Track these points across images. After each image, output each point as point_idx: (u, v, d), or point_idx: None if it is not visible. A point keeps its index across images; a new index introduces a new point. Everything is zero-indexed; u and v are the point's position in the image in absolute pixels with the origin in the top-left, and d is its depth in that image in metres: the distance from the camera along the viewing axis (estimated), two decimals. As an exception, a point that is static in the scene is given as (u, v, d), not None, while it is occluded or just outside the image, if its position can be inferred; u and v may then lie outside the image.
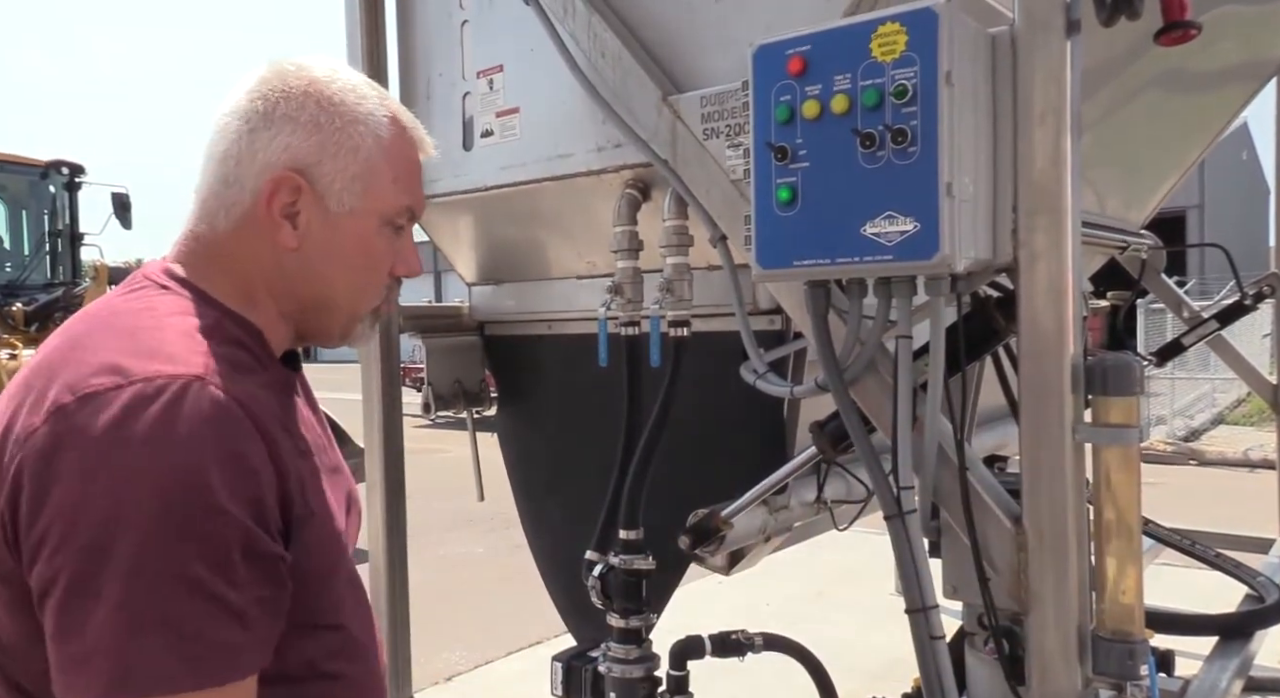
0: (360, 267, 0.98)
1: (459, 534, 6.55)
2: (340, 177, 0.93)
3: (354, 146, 0.94)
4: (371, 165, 0.95)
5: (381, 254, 0.99)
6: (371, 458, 2.08)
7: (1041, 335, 1.07)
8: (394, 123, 0.98)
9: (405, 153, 0.99)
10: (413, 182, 1.00)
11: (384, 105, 0.98)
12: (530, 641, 4.10)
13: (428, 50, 1.98)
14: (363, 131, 0.94)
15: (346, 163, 0.93)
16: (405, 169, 0.99)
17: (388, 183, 0.96)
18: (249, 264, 0.95)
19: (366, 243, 0.97)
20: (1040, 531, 1.06)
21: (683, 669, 1.54)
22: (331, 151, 0.93)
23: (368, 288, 1.00)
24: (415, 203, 1.01)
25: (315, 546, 0.90)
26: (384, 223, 0.97)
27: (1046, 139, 1.06)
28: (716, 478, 1.66)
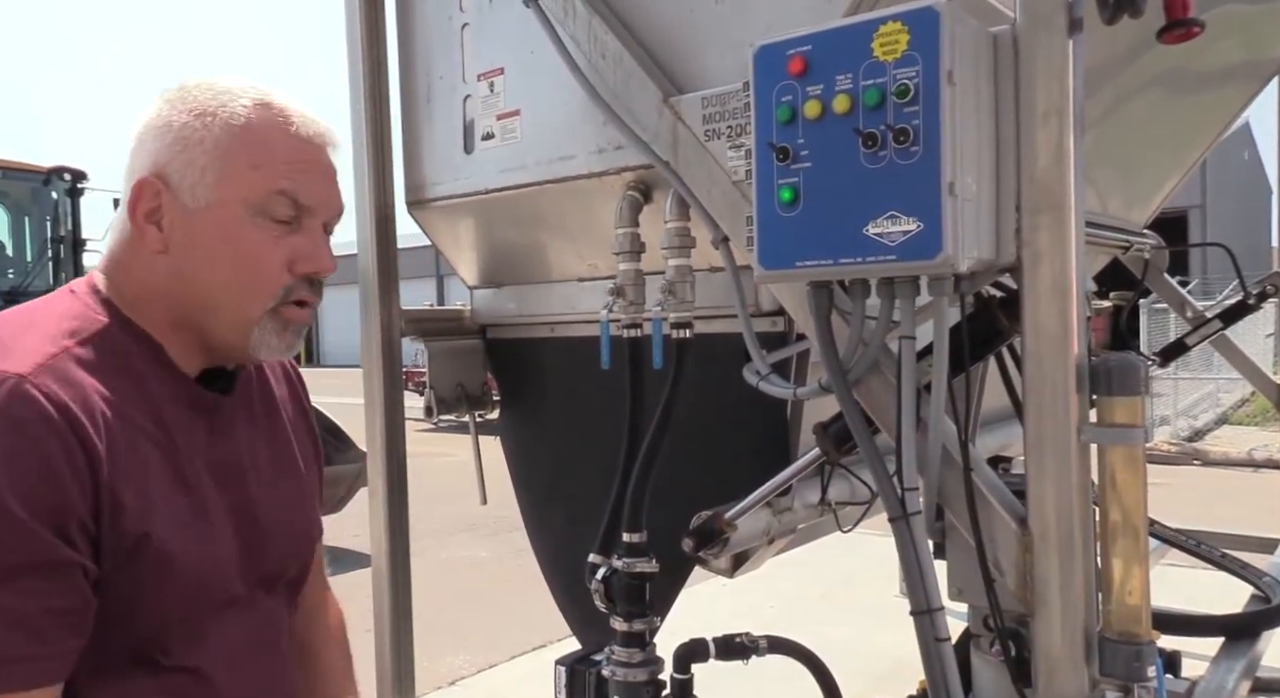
0: (230, 262, 0.92)
1: (462, 538, 6.55)
2: (189, 170, 0.91)
3: (200, 139, 0.91)
4: (222, 153, 0.91)
5: (257, 247, 0.92)
6: (374, 462, 2.08)
7: (1045, 335, 1.06)
8: (258, 109, 0.93)
9: (269, 137, 0.93)
10: (285, 166, 0.93)
11: (247, 95, 0.93)
12: (533, 644, 4.10)
13: (428, 53, 1.98)
14: (209, 121, 0.91)
15: (194, 155, 0.91)
16: (270, 154, 0.92)
17: (244, 169, 0.91)
18: (138, 274, 0.94)
19: (232, 235, 0.91)
20: (1046, 532, 1.06)
21: (687, 673, 1.53)
22: (179, 148, 0.91)
23: (248, 286, 0.93)
24: (294, 188, 0.93)
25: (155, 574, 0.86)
26: (253, 212, 0.92)
27: (1049, 138, 1.05)
28: (720, 480, 1.66)
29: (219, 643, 0.94)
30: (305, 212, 0.95)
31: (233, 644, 0.96)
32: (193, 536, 0.91)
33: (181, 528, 0.90)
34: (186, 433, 0.93)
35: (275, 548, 1.03)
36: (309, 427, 1.18)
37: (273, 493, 1.04)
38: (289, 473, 1.08)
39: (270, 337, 0.95)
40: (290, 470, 1.08)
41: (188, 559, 0.89)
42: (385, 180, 2.04)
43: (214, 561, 0.94)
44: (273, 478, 1.04)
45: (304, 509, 1.10)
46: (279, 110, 0.94)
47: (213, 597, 0.94)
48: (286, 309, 0.96)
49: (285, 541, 1.05)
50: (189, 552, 0.90)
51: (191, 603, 0.91)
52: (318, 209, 0.97)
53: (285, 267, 0.94)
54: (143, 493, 0.85)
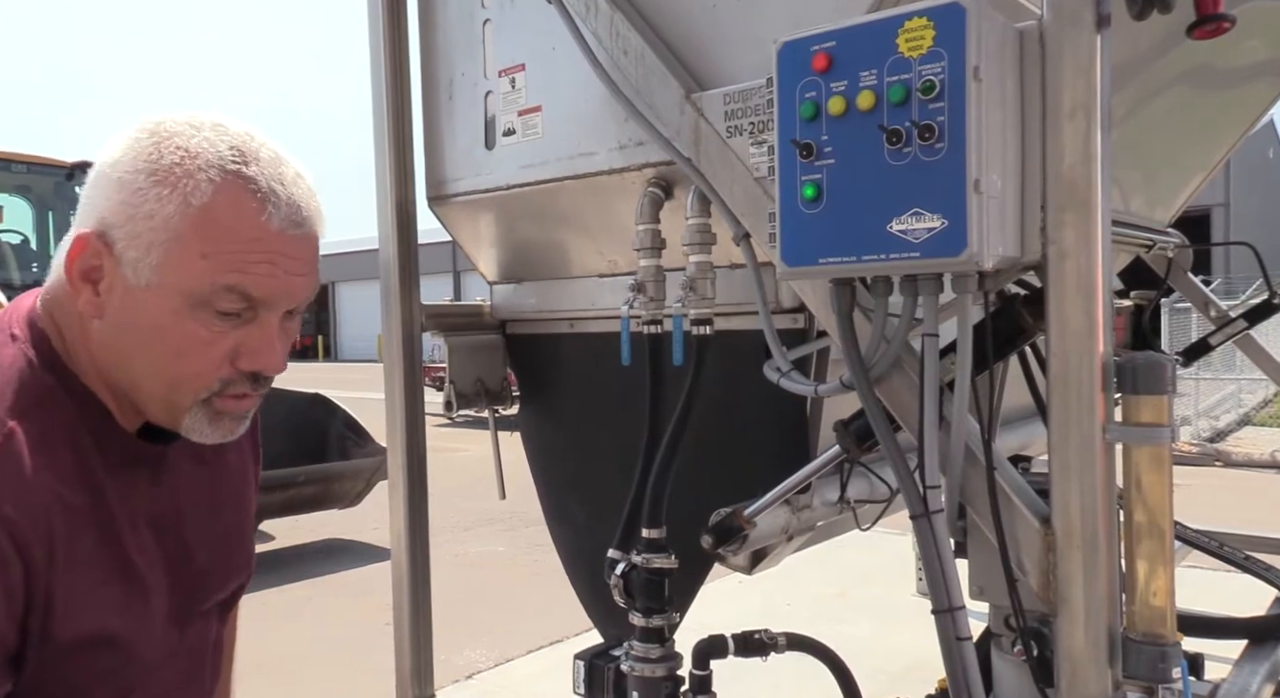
0: (162, 352, 0.84)
1: (479, 533, 6.57)
2: (135, 243, 0.81)
3: (151, 212, 0.80)
4: (173, 235, 0.80)
5: (195, 340, 0.83)
6: (394, 457, 2.09)
7: (1071, 333, 1.06)
8: (227, 183, 0.81)
9: (231, 224, 0.81)
10: (239, 259, 0.81)
11: (221, 162, 0.82)
12: (550, 639, 4.11)
13: (449, 49, 1.98)
14: (167, 195, 0.80)
15: (141, 228, 0.81)
16: (227, 244, 0.81)
17: (194, 257, 0.80)
18: (74, 326, 0.87)
19: (166, 325, 0.82)
20: (1070, 531, 1.05)
21: (705, 669, 1.53)
22: (130, 214, 0.81)
23: (181, 378, 0.85)
24: (246, 283, 0.82)
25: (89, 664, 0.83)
26: (195, 304, 0.82)
27: (1076, 135, 1.04)
28: (739, 477, 1.66)
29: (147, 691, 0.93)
30: (260, 304, 0.85)
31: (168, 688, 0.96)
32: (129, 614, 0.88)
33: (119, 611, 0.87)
34: (127, 496, 0.89)
35: (209, 585, 1.01)
36: (255, 453, 1.15)
37: (210, 531, 1.01)
38: (232, 506, 1.05)
39: (202, 425, 0.88)
40: (234, 504, 1.05)
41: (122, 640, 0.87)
42: (406, 176, 2.04)
43: (148, 629, 0.91)
44: (211, 516, 1.01)
45: (241, 541, 1.08)
46: (252, 188, 0.82)
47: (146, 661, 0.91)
48: (221, 401, 0.87)
49: (219, 576, 1.03)
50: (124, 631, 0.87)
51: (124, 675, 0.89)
52: (274, 303, 0.85)
53: (226, 359, 0.85)
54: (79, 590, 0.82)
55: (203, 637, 1.03)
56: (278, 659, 4.12)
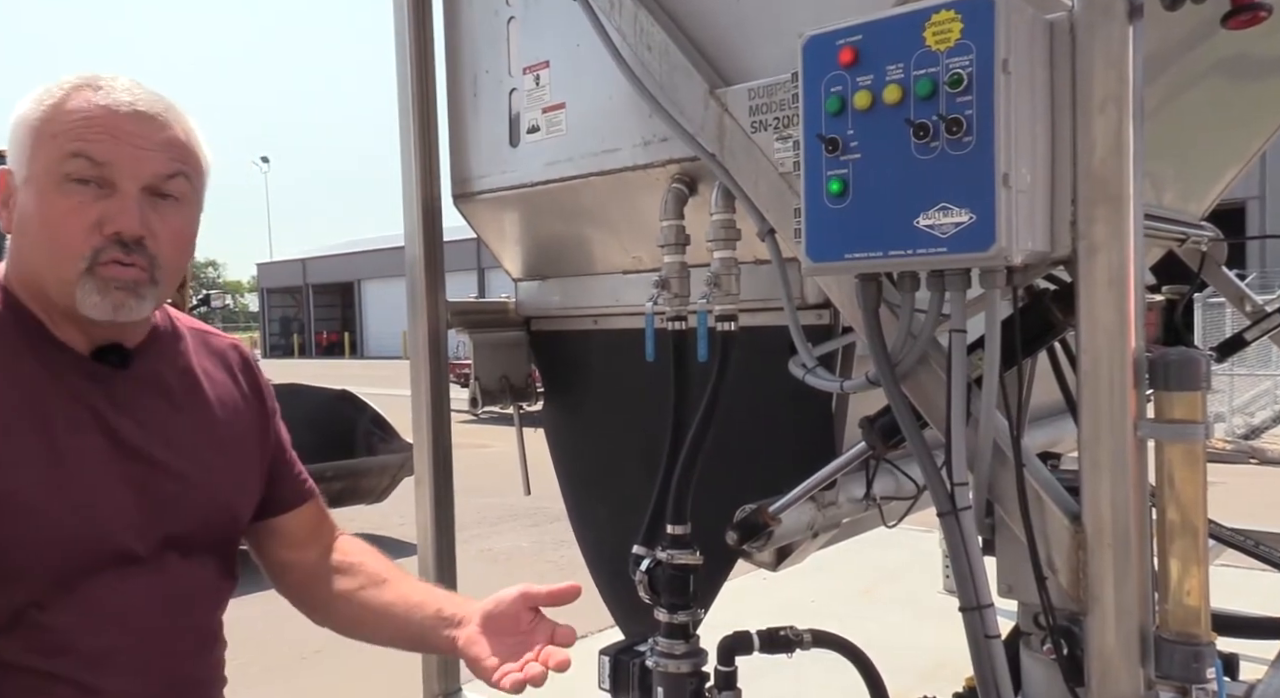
0: (39, 230, 0.99)
1: (503, 528, 6.61)
2: (16, 152, 1.00)
3: (21, 120, 1.00)
4: (31, 129, 0.99)
5: (60, 211, 0.97)
6: (420, 454, 2.11)
7: (1102, 329, 1.04)
8: (74, 87, 1.00)
9: (74, 108, 0.99)
10: (83, 131, 0.98)
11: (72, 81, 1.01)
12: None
13: (474, 47, 1.99)
14: (27, 110, 1.00)
15: (15, 141, 1.00)
16: (70, 122, 0.98)
17: (46, 139, 0.98)
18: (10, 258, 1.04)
19: (42, 205, 0.98)
20: (1100, 529, 1.04)
21: (731, 665, 1.53)
22: (14, 135, 1.01)
23: (55, 249, 0.98)
24: (87, 148, 0.97)
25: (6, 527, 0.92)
26: (56, 180, 0.97)
27: (1107, 128, 1.03)
28: (763, 474, 1.65)
29: (105, 601, 0.99)
30: (110, 172, 0.98)
31: (129, 603, 1.01)
32: (57, 493, 0.96)
33: (41, 485, 0.96)
34: (71, 402, 1.00)
35: (186, 512, 1.08)
36: (261, 407, 1.25)
37: (187, 461, 1.09)
38: (214, 444, 1.13)
39: (93, 295, 0.99)
40: (216, 442, 1.14)
41: (48, 515, 0.95)
42: (432, 174, 2.06)
43: (87, 519, 0.99)
44: (190, 447, 1.10)
45: (229, 479, 1.15)
46: (93, 86, 1.00)
47: (88, 553, 0.99)
48: (103, 268, 0.99)
49: (198, 507, 1.10)
50: (50, 508, 0.96)
51: (59, 558, 0.96)
52: (122, 168, 0.99)
53: (94, 229, 0.98)
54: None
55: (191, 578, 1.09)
56: (307, 651, 4.18)
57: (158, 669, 1.04)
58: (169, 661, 1.06)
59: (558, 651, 1.09)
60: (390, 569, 1.32)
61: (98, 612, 0.99)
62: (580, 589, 1.16)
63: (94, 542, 0.99)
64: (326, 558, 1.32)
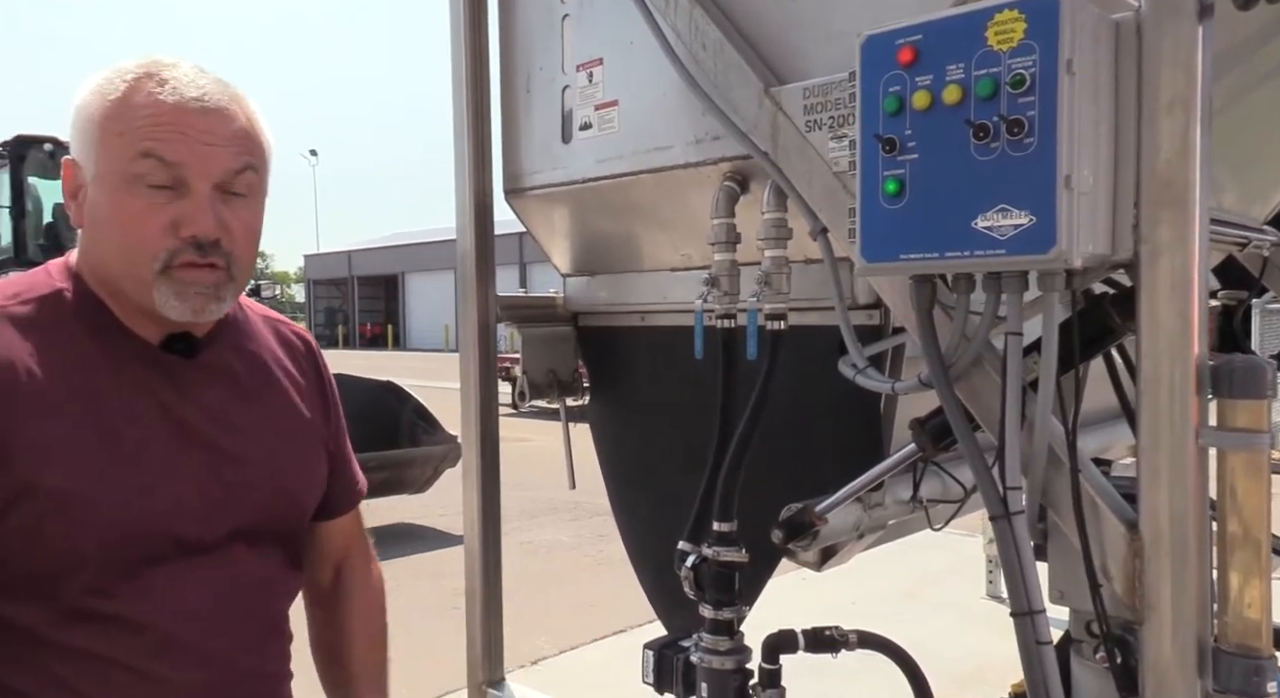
0: (114, 230, 0.97)
1: (544, 522, 6.66)
2: (83, 146, 0.98)
3: (85, 117, 0.97)
4: (96, 128, 0.96)
5: (135, 213, 0.96)
6: (468, 446, 2.14)
7: (1163, 334, 1.03)
8: (136, 80, 0.96)
9: (139, 104, 0.96)
10: (151, 131, 0.95)
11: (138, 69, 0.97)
12: (614, 628, 4.15)
13: (528, 44, 2.01)
14: (89, 101, 0.97)
15: (80, 133, 0.98)
16: (135, 121, 0.95)
17: (113, 137, 0.96)
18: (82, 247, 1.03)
19: (112, 205, 0.96)
20: (1158, 537, 1.02)
21: (775, 663, 1.53)
22: (78, 128, 0.98)
23: (131, 248, 0.97)
24: (157, 148, 0.95)
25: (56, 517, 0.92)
26: (127, 180, 0.95)
27: (1174, 129, 1.01)
28: (810, 472, 1.65)
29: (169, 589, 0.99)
30: (182, 172, 0.96)
31: (193, 592, 1.01)
32: (117, 482, 0.96)
33: (101, 474, 0.95)
34: (137, 392, 0.99)
35: (253, 502, 1.07)
36: (325, 399, 1.23)
37: (256, 450, 1.08)
38: (282, 433, 1.13)
39: (170, 299, 0.98)
40: (284, 431, 1.13)
41: (108, 504, 0.94)
42: (484, 169, 2.08)
43: (147, 507, 0.98)
44: (258, 436, 1.09)
45: (296, 469, 1.14)
46: (158, 79, 0.97)
47: (150, 542, 0.98)
48: (178, 271, 0.98)
49: (264, 497, 1.09)
50: (110, 497, 0.95)
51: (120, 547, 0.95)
52: (192, 168, 0.97)
53: (168, 231, 0.96)
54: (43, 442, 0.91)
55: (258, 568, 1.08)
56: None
57: (221, 659, 1.04)
58: (233, 651, 1.05)
59: None
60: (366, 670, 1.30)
61: (161, 600, 0.98)
62: None
63: (155, 530, 0.98)
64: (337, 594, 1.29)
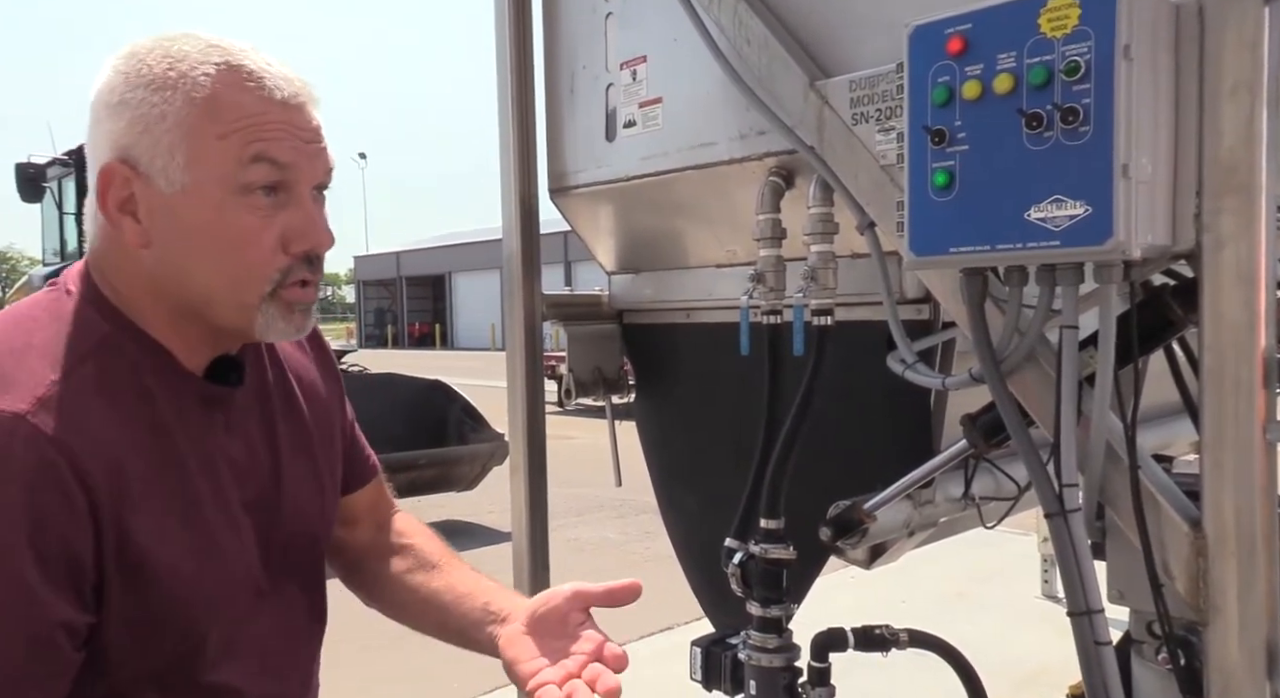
0: (219, 250, 0.84)
1: (590, 519, 6.69)
2: (159, 153, 0.82)
3: (161, 115, 0.81)
4: (188, 130, 0.82)
5: (244, 229, 0.84)
6: (515, 444, 2.15)
7: (1228, 326, 0.99)
8: (222, 73, 0.83)
9: (238, 102, 0.83)
10: (259, 131, 0.83)
11: (207, 61, 0.83)
12: (661, 625, 4.15)
13: (572, 43, 2.02)
14: (169, 96, 0.82)
15: (158, 135, 0.82)
16: (239, 121, 0.83)
17: (213, 141, 0.82)
18: (126, 269, 0.86)
19: (214, 220, 0.83)
20: (1223, 535, 0.99)
21: (824, 661, 1.52)
22: (140, 128, 0.82)
23: (243, 271, 0.85)
24: (269, 150, 0.84)
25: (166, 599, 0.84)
26: (234, 191, 0.83)
27: (1237, 115, 0.98)
28: (859, 469, 1.63)
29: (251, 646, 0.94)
30: (289, 175, 0.85)
31: (265, 641, 0.96)
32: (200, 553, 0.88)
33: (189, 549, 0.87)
34: (198, 438, 0.89)
35: (295, 532, 1.01)
36: (338, 389, 1.14)
37: (291, 476, 1.00)
38: (305, 451, 1.04)
39: (276, 321, 0.88)
40: (306, 448, 1.04)
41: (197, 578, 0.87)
42: (529, 168, 2.09)
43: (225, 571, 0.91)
44: (290, 460, 1.01)
45: (320, 484, 1.06)
46: (245, 72, 0.84)
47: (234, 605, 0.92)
48: (288, 291, 0.88)
49: (303, 523, 1.03)
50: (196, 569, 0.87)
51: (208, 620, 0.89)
52: (301, 170, 0.86)
53: (279, 247, 0.86)
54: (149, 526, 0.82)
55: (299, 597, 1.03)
56: (405, 631, 4.32)
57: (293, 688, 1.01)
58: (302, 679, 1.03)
59: (609, 677, 0.94)
60: (443, 553, 1.22)
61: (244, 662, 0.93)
62: (640, 587, 1.01)
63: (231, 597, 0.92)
64: (381, 536, 1.22)
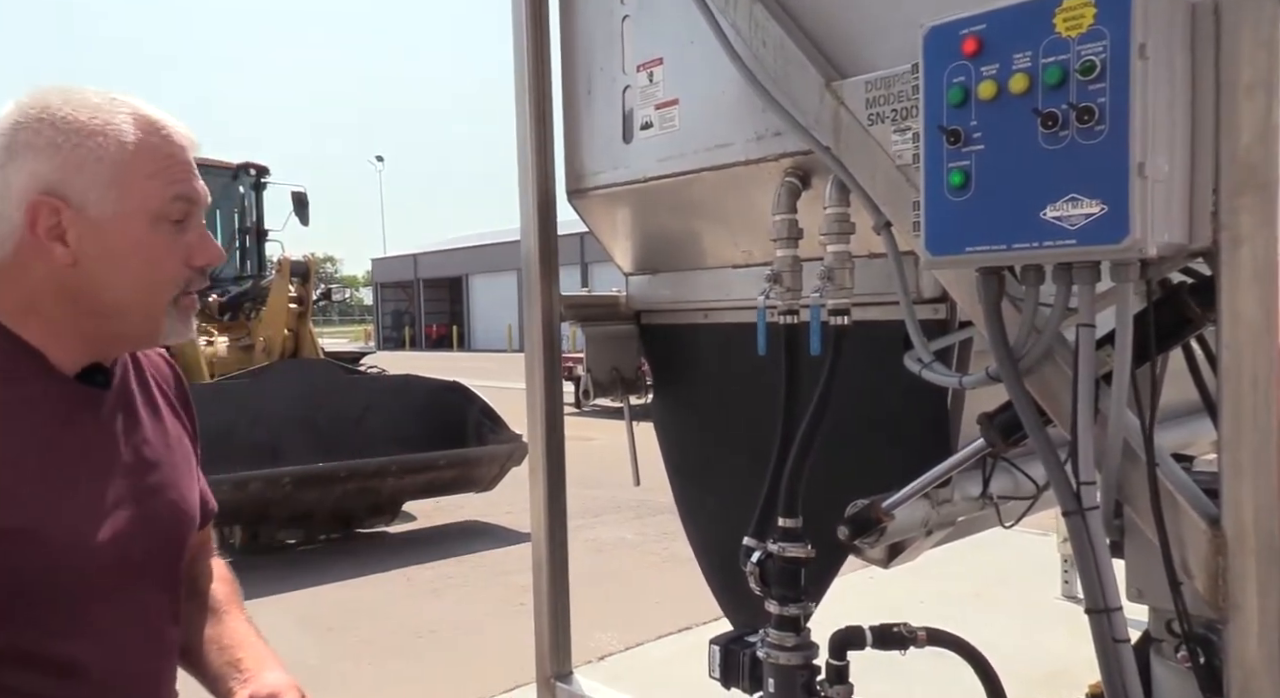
0: (141, 265, 1.01)
1: (608, 520, 6.71)
2: (93, 187, 0.97)
3: (98, 157, 0.97)
4: (121, 169, 0.98)
5: (162, 249, 1.02)
6: (534, 446, 2.17)
7: (1245, 324, 0.99)
8: (140, 126, 1.01)
9: (160, 148, 1.02)
10: (176, 173, 1.02)
11: (126, 115, 1.01)
12: (679, 625, 4.17)
13: (589, 46, 2.03)
14: (102, 142, 0.98)
15: (94, 173, 0.97)
16: (162, 164, 1.01)
17: (142, 180, 0.99)
18: (33, 286, 1.00)
19: (141, 242, 1.00)
20: (1243, 534, 0.99)
21: (843, 659, 1.52)
22: (75, 166, 0.97)
23: (155, 284, 1.02)
24: (185, 191, 1.03)
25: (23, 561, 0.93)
26: (155, 219, 1.01)
27: (1255, 113, 0.98)
28: (877, 468, 1.64)
29: (99, 630, 1.01)
30: (194, 206, 1.05)
31: (114, 631, 1.03)
32: (65, 523, 0.98)
33: (53, 517, 0.97)
34: (66, 430, 1.01)
35: (156, 531, 1.09)
36: (189, 414, 1.26)
37: (155, 478, 1.11)
38: (169, 458, 1.15)
39: (177, 324, 1.05)
40: (170, 455, 1.15)
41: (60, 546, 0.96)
42: (547, 170, 2.11)
43: (90, 547, 1.00)
44: (155, 463, 1.11)
45: (181, 492, 1.16)
46: (154, 121, 1.02)
47: (92, 582, 1.00)
48: (185, 298, 1.06)
49: (164, 524, 1.11)
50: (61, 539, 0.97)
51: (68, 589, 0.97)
52: (198, 202, 1.06)
53: (183, 262, 1.04)
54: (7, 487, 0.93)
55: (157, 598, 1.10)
56: (426, 630, 4.35)
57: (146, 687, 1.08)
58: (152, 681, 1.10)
59: None
60: (229, 602, 1.29)
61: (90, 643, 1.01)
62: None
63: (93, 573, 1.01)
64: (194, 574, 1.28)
